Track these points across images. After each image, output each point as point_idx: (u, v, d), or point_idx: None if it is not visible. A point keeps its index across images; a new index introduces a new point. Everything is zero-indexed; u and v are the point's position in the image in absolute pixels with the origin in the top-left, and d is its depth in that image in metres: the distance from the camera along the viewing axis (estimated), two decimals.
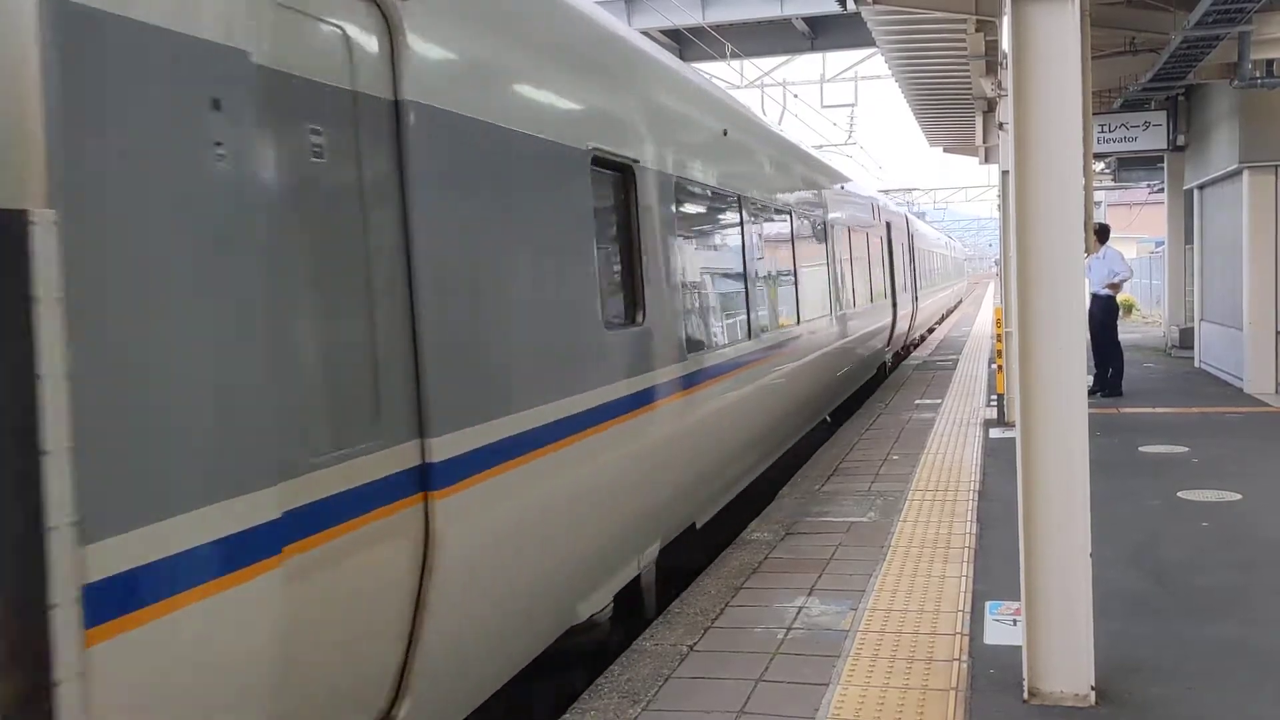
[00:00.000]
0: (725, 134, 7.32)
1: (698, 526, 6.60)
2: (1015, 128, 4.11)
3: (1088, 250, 4.27)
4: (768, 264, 8.34)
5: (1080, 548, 4.16)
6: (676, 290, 5.87)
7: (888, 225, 16.85)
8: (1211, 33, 10.01)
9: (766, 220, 8.49)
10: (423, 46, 3.41)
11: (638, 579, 5.56)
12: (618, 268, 5.21)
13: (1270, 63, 11.58)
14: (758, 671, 4.64)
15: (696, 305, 6.32)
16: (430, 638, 3.35)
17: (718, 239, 7.23)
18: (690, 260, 6.27)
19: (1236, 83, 11.24)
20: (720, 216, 7.27)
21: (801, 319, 9.37)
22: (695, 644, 5.01)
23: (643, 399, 5.17)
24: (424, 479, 3.32)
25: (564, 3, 4.83)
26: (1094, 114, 15.17)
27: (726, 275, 7.24)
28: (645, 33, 20.37)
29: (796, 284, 9.29)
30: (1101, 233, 12.84)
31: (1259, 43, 10.82)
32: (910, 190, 44.93)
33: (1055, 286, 4.12)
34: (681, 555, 6.57)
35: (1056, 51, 4.07)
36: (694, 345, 6.08)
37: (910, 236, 21.01)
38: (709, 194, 6.88)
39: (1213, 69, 12.14)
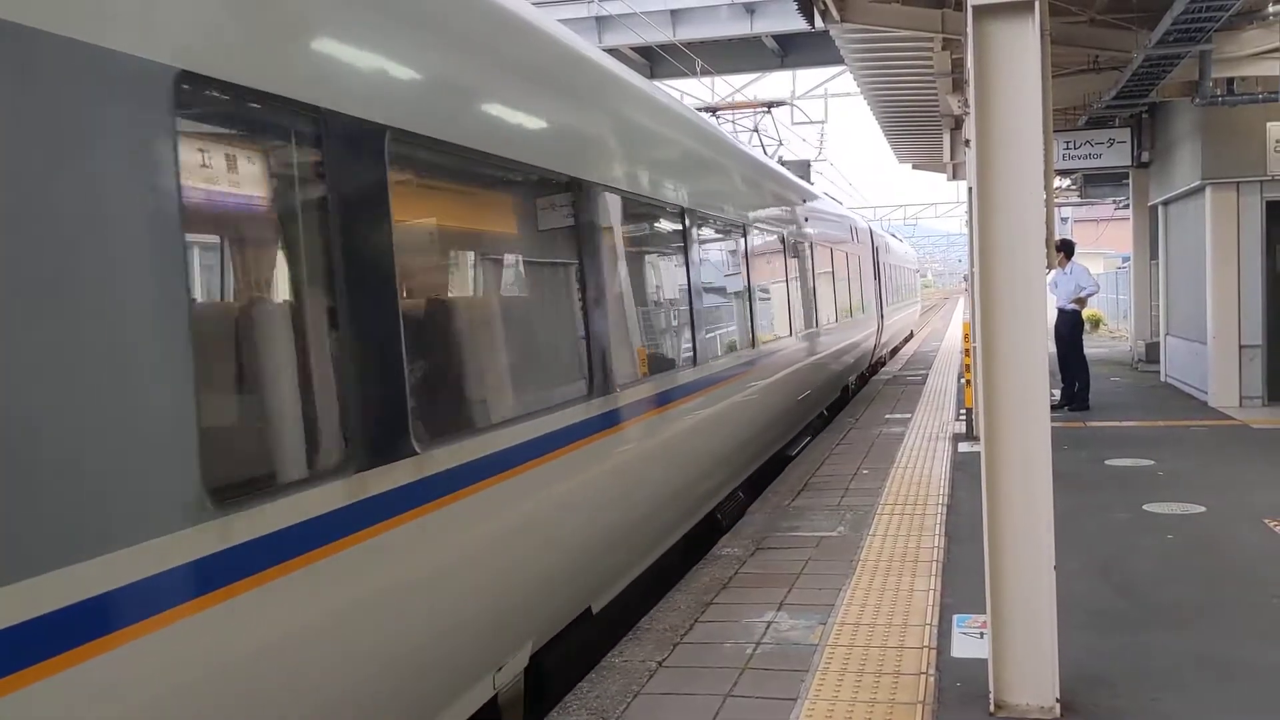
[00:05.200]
0: None
1: None
2: (977, 144, 4.15)
3: (1049, 266, 4.32)
4: None
5: (1044, 561, 4.19)
6: None
7: None
8: (1172, 51, 10.18)
9: None
10: None
11: None
12: None
13: (1231, 81, 11.78)
14: (726, 687, 4.63)
15: None
16: None
17: None
18: None
19: (1198, 100, 11.42)
20: None
21: None
22: (664, 660, 5.00)
23: None
24: None
25: None
26: (1059, 131, 15.40)
27: None
28: (616, 50, 20.46)
29: None
30: (1066, 248, 12.99)
31: (1219, 61, 11.01)
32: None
33: (1017, 302, 4.16)
34: (653, 573, 6.57)
35: (1017, 69, 4.12)
36: None
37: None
38: None
39: (1175, 87, 12.34)
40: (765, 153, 14.72)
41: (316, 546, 3.09)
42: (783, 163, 15.27)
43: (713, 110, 14.79)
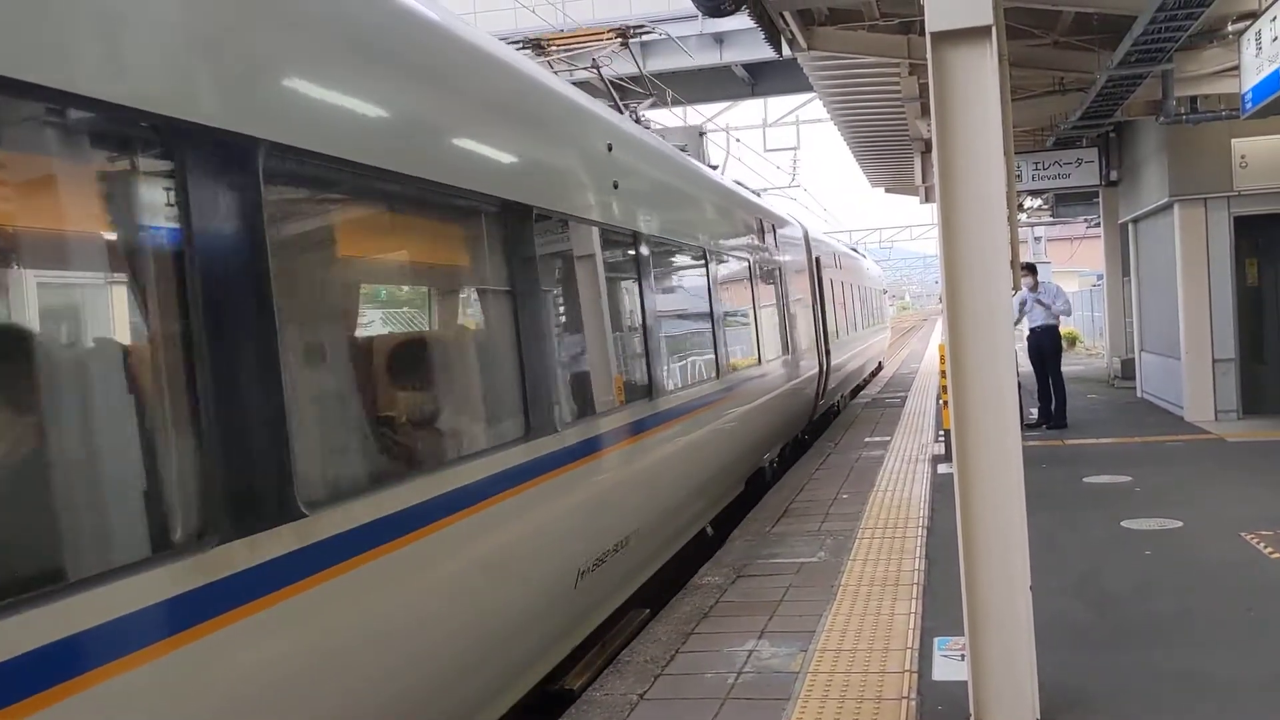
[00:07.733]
0: None
1: None
2: (939, 168, 4.19)
3: (1015, 287, 4.35)
4: None
5: (1020, 580, 4.20)
6: None
7: None
8: (1134, 72, 10.32)
9: None
10: None
11: None
12: None
13: (1194, 99, 11.93)
14: (707, 718, 4.61)
15: None
16: None
17: None
18: None
19: (1162, 119, 11.57)
20: None
21: None
22: (645, 692, 4.97)
23: None
24: None
25: None
26: (1029, 152, 15.56)
27: None
28: (587, 83, 20.54)
29: None
30: (1027, 270, 13.04)
31: (1181, 80, 11.16)
32: None
33: (984, 323, 4.19)
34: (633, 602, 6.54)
35: (976, 93, 4.17)
36: None
37: None
38: None
39: (1139, 106, 12.50)
40: (622, 110, 9.11)
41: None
42: (639, 121, 9.92)
43: (538, 44, 10.04)
